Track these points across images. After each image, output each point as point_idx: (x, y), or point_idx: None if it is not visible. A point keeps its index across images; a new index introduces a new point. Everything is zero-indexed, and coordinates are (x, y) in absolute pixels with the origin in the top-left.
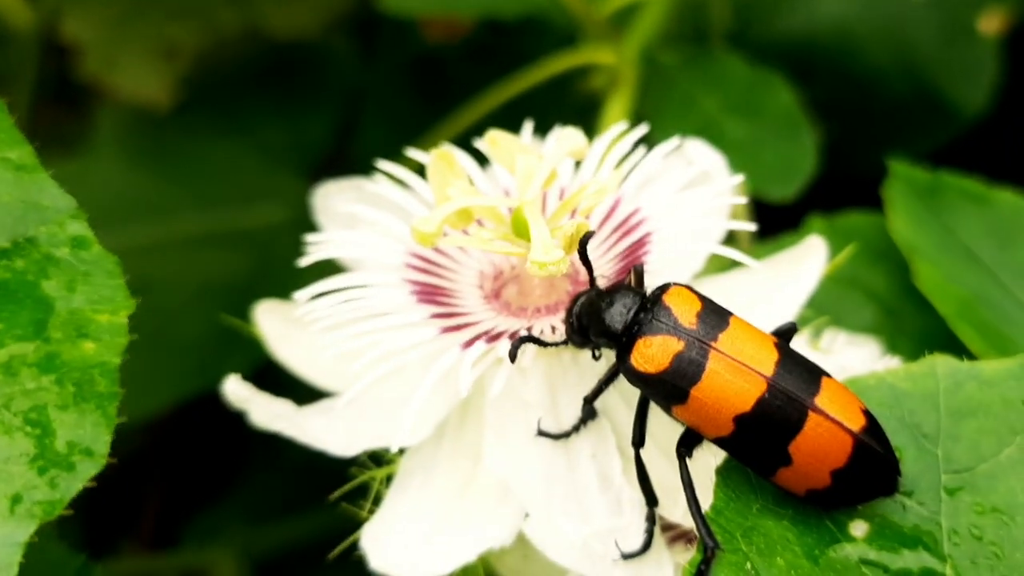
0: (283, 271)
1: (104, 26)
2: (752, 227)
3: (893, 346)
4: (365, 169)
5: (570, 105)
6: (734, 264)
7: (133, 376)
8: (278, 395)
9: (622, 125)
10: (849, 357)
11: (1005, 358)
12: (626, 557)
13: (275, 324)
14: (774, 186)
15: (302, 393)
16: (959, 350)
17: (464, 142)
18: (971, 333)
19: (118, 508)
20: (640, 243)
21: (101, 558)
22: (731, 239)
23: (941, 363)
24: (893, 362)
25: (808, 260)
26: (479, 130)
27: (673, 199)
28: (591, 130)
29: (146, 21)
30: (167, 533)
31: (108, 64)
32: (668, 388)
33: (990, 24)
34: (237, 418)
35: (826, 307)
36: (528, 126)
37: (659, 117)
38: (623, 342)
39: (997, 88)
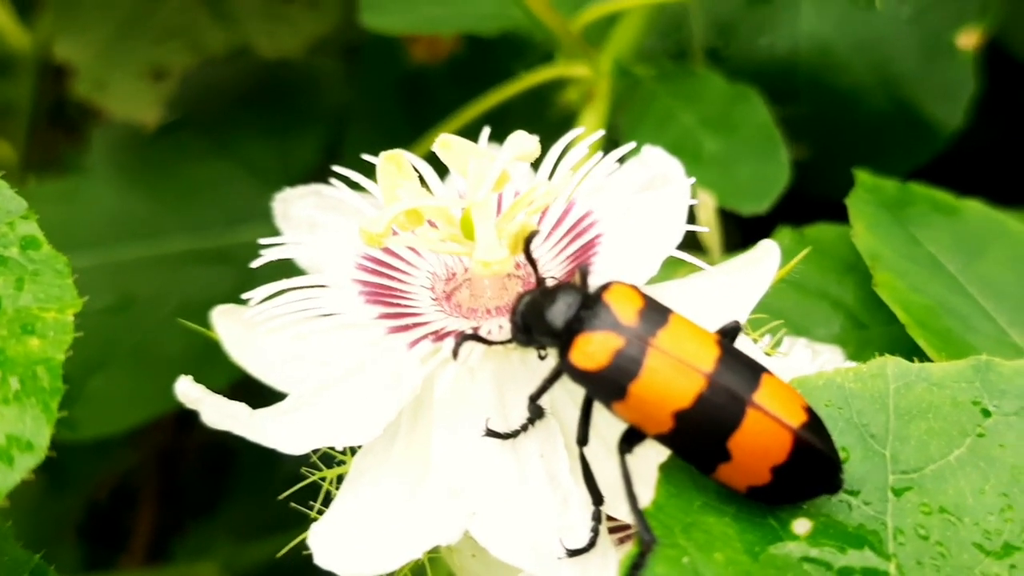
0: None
1: (94, 48)
2: (707, 229)
3: (859, 357)
4: (351, 188)
5: (549, 119)
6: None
7: (114, 391)
8: (259, 406)
9: (581, 129)
10: (802, 360)
11: (956, 360)
12: (572, 554)
13: (231, 327)
14: (748, 201)
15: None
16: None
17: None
18: (933, 341)
19: (116, 523)
20: (590, 245)
21: (97, 571)
22: (702, 250)
23: (892, 364)
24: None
25: (762, 263)
26: None
27: (624, 202)
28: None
29: (135, 43)
30: (161, 548)
31: (98, 86)
32: (608, 385)
33: (969, 41)
34: (228, 435)
35: (793, 318)
36: (486, 132)
37: (637, 131)
38: (564, 339)
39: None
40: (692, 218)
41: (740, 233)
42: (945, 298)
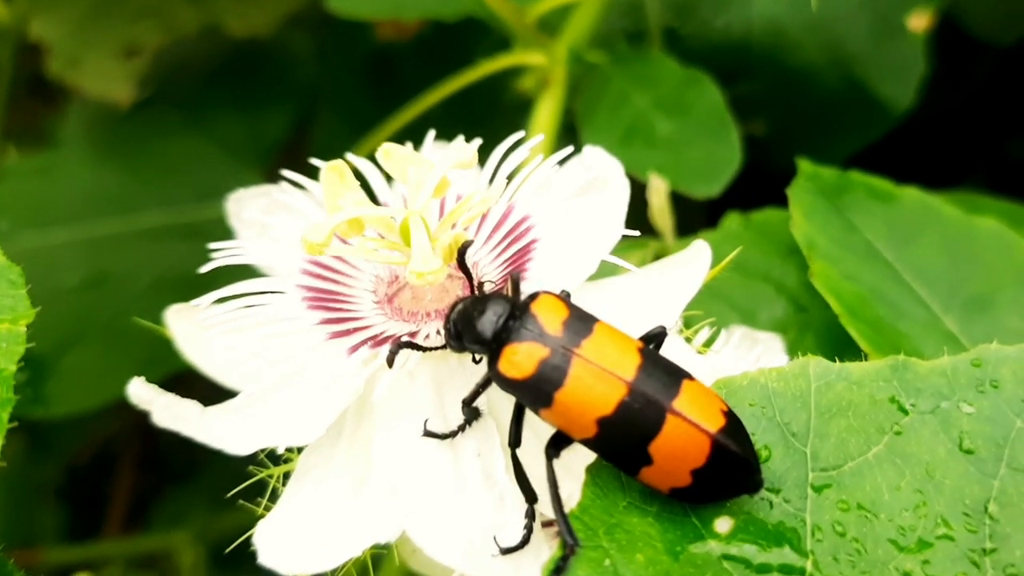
0: (237, 264)
1: (68, 27)
2: (636, 233)
3: (800, 341)
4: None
5: (508, 101)
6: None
7: (89, 367)
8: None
9: (521, 133)
10: (734, 354)
11: (876, 359)
12: (505, 552)
13: (184, 327)
14: (700, 184)
15: None
16: (857, 349)
17: (407, 136)
18: (864, 330)
19: (96, 488)
20: (525, 250)
21: (77, 537)
22: (655, 234)
23: (813, 364)
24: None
25: (695, 263)
26: (422, 125)
27: (560, 206)
28: (525, 126)
29: (108, 22)
30: (141, 512)
31: (72, 63)
32: (534, 393)
33: (919, 22)
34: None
35: (739, 302)
36: (431, 136)
37: (592, 114)
38: (493, 349)
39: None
40: (642, 209)
41: (706, 213)
42: (879, 285)
